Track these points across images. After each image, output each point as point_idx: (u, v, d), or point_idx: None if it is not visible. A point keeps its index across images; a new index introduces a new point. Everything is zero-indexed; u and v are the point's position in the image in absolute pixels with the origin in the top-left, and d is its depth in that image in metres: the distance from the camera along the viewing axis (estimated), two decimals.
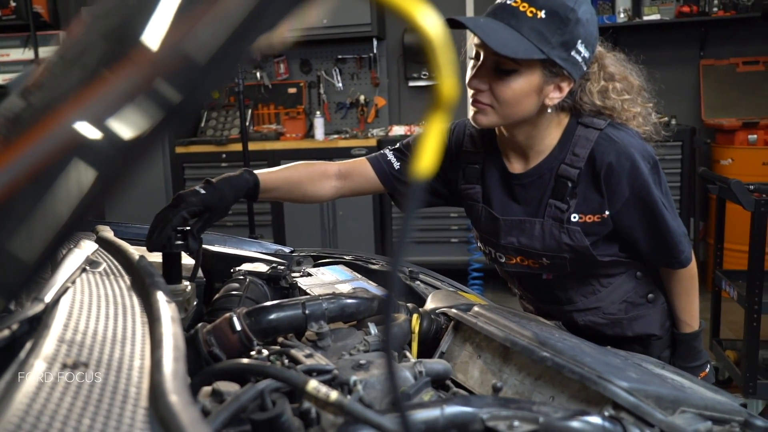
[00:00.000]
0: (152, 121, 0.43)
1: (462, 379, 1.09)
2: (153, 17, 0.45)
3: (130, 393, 0.57)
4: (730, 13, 4.41)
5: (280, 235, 4.65)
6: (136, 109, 0.43)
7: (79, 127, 0.44)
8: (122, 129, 0.43)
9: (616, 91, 1.33)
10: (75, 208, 0.46)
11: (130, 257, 1.02)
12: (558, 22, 1.20)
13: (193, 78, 0.44)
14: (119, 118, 0.44)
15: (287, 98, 5.20)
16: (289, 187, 1.46)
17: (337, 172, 1.51)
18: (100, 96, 0.43)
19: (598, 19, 4.60)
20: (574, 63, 1.24)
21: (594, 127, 1.30)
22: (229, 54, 0.43)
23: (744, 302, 2.71)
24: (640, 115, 1.36)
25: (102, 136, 0.43)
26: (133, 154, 0.45)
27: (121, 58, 0.44)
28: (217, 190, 1.27)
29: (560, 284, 1.42)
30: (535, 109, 1.29)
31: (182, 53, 0.43)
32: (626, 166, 1.28)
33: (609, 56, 1.36)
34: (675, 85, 4.75)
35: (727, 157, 4.33)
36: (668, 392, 0.92)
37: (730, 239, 3.31)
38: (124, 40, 0.45)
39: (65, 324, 0.68)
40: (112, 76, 0.43)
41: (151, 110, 0.42)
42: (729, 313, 3.31)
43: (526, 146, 1.36)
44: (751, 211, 2.65)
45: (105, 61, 0.45)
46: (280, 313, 1.04)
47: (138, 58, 0.45)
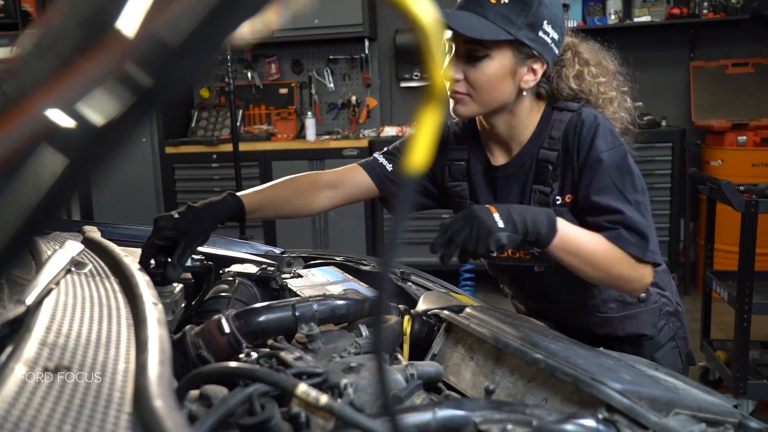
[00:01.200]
0: (123, 106, 0.42)
1: (454, 381, 1.08)
2: (128, 3, 0.44)
3: (114, 397, 0.55)
4: (720, 15, 4.43)
5: (271, 237, 4.63)
6: (107, 94, 0.41)
7: (51, 114, 0.43)
8: (93, 114, 0.42)
9: (591, 74, 1.35)
10: (46, 195, 0.44)
11: (117, 258, 1.00)
12: (521, 5, 1.24)
13: (166, 62, 0.42)
14: (90, 104, 0.42)
15: (278, 98, 5.18)
16: (277, 206, 1.45)
17: (327, 182, 1.49)
18: (73, 83, 0.41)
19: (589, 20, 4.61)
20: (543, 44, 1.27)
21: (568, 110, 1.32)
22: (204, 38, 0.42)
23: (734, 303, 2.71)
24: (615, 99, 1.38)
25: (73, 122, 0.42)
26: (106, 140, 0.44)
27: (95, 44, 0.43)
28: (194, 214, 1.25)
29: (552, 280, 1.41)
30: (511, 93, 1.31)
31: (154, 36, 0.42)
32: (590, 134, 1.28)
33: (583, 44, 1.39)
34: (665, 87, 4.77)
35: (717, 158, 4.35)
36: (662, 394, 0.92)
37: (720, 240, 3.32)
38: (99, 27, 0.44)
39: (48, 327, 0.67)
40: (86, 62, 0.42)
41: (123, 95, 0.41)
42: (719, 314, 3.32)
43: (508, 137, 1.38)
44: (741, 212, 2.66)
45: (79, 49, 0.44)
46: (269, 315, 1.02)
47: (112, 44, 0.43)
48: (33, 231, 0.48)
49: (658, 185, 4.39)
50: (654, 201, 4.38)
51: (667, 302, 1.46)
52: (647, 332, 1.42)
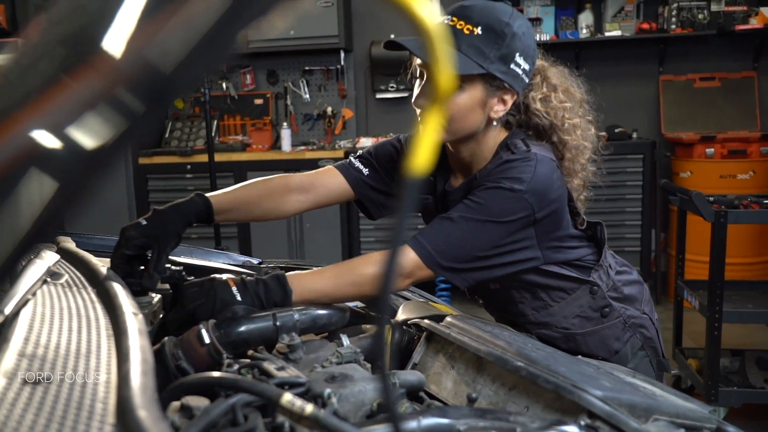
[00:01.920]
0: (115, 132, 0.41)
1: (435, 391, 1.08)
2: (114, 23, 0.43)
3: (96, 409, 0.54)
4: (688, 31, 4.54)
5: (246, 247, 4.59)
6: (98, 119, 0.41)
7: (38, 136, 0.42)
8: (84, 138, 0.41)
9: (558, 98, 1.35)
10: (34, 220, 0.43)
11: (93, 268, 0.98)
12: (495, 37, 1.24)
13: (158, 88, 0.42)
14: (81, 127, 0.42)
15: (254, 109, 5.15)
16: (247, 207, 1.42)
17: (299, 185, 1.47)
18: (60, 103, 0.41)
19: (561, 34, 4.70)
20: (515, 75, 1.27)
21: (512, 150, 1.30)
22: (196, 63, 0.42)
23: (705, 311, 2.76)
24: (579, 127, 1.37)
25: (62, 145, 0.41)
26: (95, 164, 0.43)
27: (80, 64, 0.42)
28: (162, 218, 1.22)
29: (509, 296, 1.42)
30: (481, 123, 1.31)
31: (146, 62, 0.41)
32: (509, 165, 1.26)
33: (552, 69, 1.39)
34: (636, 100, 4.87)
35: (686, 170, 4.44)
36: (641, 400, 0.93)
37: (691, 250, 3.38)
38: (84, 47, 0.43)
39: (26, 337, 0.65)
40: (72, 83, 0.41)
41: (114, 120, 0.41)
42: (691, 323, 3.38)
43: (470, 163, 1.38)
44: (711, 222, 2.71)
45: (64, 68, 0.43)
46: (250, 325, 1.01)
47: (99, 65, 0.43)
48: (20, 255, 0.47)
49: (629, 196, 4.46)
50: (625, 212, 4.46)
51: (633, 314, 1.45)
52: (612, 347, 1.43)
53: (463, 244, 1.23)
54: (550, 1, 4.77)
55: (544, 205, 1.25)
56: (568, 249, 1.36)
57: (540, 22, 4.74)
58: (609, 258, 1.44)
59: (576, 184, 1.38)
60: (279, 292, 1.12)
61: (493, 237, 1.24)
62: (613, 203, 4.40)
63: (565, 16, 4.79)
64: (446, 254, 1.22)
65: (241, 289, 1.09)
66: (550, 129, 1.35)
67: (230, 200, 1.37)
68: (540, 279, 1.37)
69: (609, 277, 1.41)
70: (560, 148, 1.35)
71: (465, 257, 1.24)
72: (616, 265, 1.46)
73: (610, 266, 1.43)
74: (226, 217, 1.38)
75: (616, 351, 1.43)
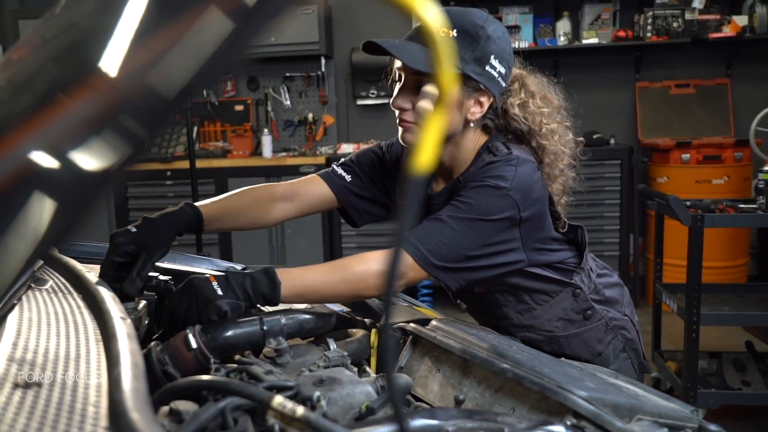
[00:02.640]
0: (118, 156, 0.41)
1: (421, 393, 1.09)
2: (110, 43, 0.43)
3: (88, 412, 0.54)
4: (663, 38, 4.62)
5: (228, 254, 4.56)
6: (101, 142, 0.41)
7: (36, 157, 0.42)
8: (86, 162, 0.41)
9: (536, 104, 1.38)
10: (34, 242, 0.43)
11: (79, 274, 0.98)
12: (469, 39, 1.27)
13: (160, 113, 0.42)
14: (83, 150, 0.42)
15: (234, 115, 5.13)
16: (234, 217, 1.44)
17: (282, 194, 1.49)
18: (60, 124, 0.41)
19: (540, 42, 4.75)
20: (490, 78, 1.30)
21: (494, 152, 1.32)
22: (198, 87, 0.42)
23: (683, 314, 2.80)
24: (557, 132, 1.40)
25: (64, 167, 0.41)
26: (97, 187, 0.43)
27: (76, 84, 0.42)
28: (152, 226, 1.22)
29: (493, 299, 1.43)
30: (458, 124, 1.33)
31: (149, 88, 0.42)
32: (492, 166, 1.28)
33: (530, 77, 1.42)
34: (613, 106, 4.94)
35: (663, 175, 4.51)
36: (625, 401, 0.94)
37: (668, 254, 3.43)
38: (78, 66, 0.43)
39: (14, 342, 0.65)
40: (70, 102, 0.41)
41: (116, 144, 0.41)
42: (669, 326, 3.42)
43: (449, 167, 1.40)
44: (688, 226, 2.76)
45: (59, 87, 0.43)
46: (237, 330, 1.01)
47: (98, 85, 0.43)
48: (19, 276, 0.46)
49: (607, 201, 4.52)
50: (604, 217, 4.51)
51: (615, 317, 1.47)
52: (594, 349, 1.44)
53: (455, 244, 1.24)
54: (528, 8, 4.83)
55: (528, 204, 1.27)
56: (550, 251, 1.38)
57: (519, 29, 4.79)
58: (590, 261, 1.47)
59: (556, 189, 1.40)
60: (267, 285, 1.10)
61: (483, 235, 1.25)
62: (591, 208, 4.45)
63: (544, 23, 4.85)
64: (438, 254, 1.23)
65: (223, 285, 1.07)
66: (528, 134, 1.37)
67: (218, 210, 1.39)
68: (523, 282, 1.38)
69: (591, 279, 1.43)
70: (539, 152, 1.38)
71: (456, 257, 1.25)
72: (597, 268, 1.48)
73: (591, 269, 1.45)
74: (214, 226, 1.39)
75: (599, 353, 1.45)
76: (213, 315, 1.04)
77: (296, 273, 1.17)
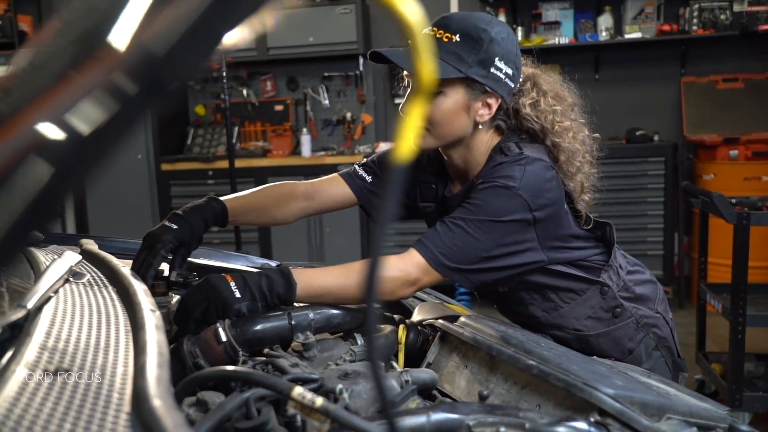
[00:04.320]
0: (109, 114, 0.43)
1: (449, 390, 1.09)
2: (121, 18, 0.45)
3: (113, 398, 0.56)
4: (710, 32, 4.49)
5: (267, 251, 4.63)
6: (94, 103, 0.43)
7: (41, 127, 0.44)
8: (79, 123, 0.43)
9: (547, 102, 1.37)
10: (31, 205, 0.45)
11: (114, 268, 1.01)
12: (472, 43, 1.27)
13: (152, 70, 0.43)
14: (77, 113, 0.43)
15: (274, 115, 5.21)
16: (256, 213, 1.50)
17: (303, 192, 1.54)
18: (64, 96, 0.43)
19: (581, 37, 4.67)
20: (496, 79, 1.30)
21: (505, 153, 1.33)
22: (189, 46, 0.43)
23: (728, 315, 2.72)
24: (570, 129, 1.38)
25: (61, 132, 0.43)
26: (91, 148, 0.45)
27: (87, 59, 0.44)
28: (187, 222, 1.29)
29: (518, 298, 1.43)
30: (467, 127, 1.34)
31: (141, 46, 0.43)
32: (502, 166, 1.29)
33: (543, 75, 1.42)
34: (657, 102, 4.82)
35: (710, 173, 4.39)
36: (654, 399, 0.93)
37: (714, 253, 3.34)
38: (92, 43, 0.45)
39: (47, 332, 0.68)
40: (78, 76, 0.43)
41: (108, 103, 0.42)
42: (715, 327, 3.33)
43: (464, 169, 1.41)
44: (733, 225, 2.68)
45: (72, 64, 0.45)
46: (266, 324, 1.03)
47: (103, 57, 0.45)
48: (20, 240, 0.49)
49: (651, 199, 4.42)
50: (647, 215, 4.41)
51: (646, 314, 1.45)
52: (625, 348, 1.42)
53: (467, 245, 1.24)
54: (568, 4, 4.75)
55: (540, 203, 1.27)
56: (572, 249, 1.37)
57: (559, 25, 4.72)
58: (619, 258, 1.44)
59: (574, 186, 1.39)
60: (283, 285, 1.11)
61: (496, 236, 1.25)
62: (634, 206, 4.36)
63: (584, 18, 4.77)
64: (451, 256, 1.24)
65: (240, 285, 1.08)
66: (541, 132, 1.37)
67: (243, 206, 1.45)
68: (547, 280, 1.37)
69: (620, 277, 1.41)
70: (554, 151, 1.37)
71: (470, 258, 1.25)
72: (627, 265, 1.46)
73: (621, 266, 1.43)
74: (237, 220, 1.46)
75: (630, 351, 1.43)
76: (231, 318, 1.05)
77: (311, 274, 1.18)
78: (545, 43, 4.53)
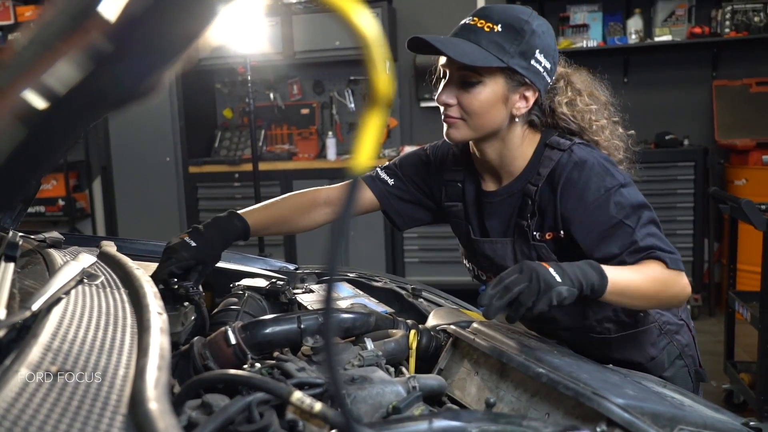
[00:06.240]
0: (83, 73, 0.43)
1: (459, 396, 1.08)
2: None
3: (111, 400, 0.57)
4: (743, 34, 4.40)
5: (292, 254, 4.66)
6: (70, 63, 0.43)
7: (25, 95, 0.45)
8: (55, 83, 0.44)
9: (583, 102, 1.37)
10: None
11: (128, 270, 1.03)
12: (514, 34, 1.26)
13: (128, 30, 0.44)
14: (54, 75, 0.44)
15: (300, 119, 5.24)
16: (279, 225, 1.54)
17: (325, 199, 1.54)
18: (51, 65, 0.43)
19: (609, 40, 4.61)
20: (536, 72, 1.29)
21: (559, 148, 1.32)
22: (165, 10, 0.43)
23: (757, 324, 2.66)
24: (606, 128, 1.39)
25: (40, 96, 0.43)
26: (68, 108, 0.45)
27: (76, 30, 0.45)
28: (207, 241, 1.33)
29: None
30: (503, 119, 1.32)
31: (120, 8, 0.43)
32: (582, 178, 1.28)
33: (575, 74, 1.41)
34: (687, 106, 4.73)
35: (741, 178, 4.29)
36: (666, 410, 0.91)
37: (743, 260, 3.27)
38: (84, 15, 0.46)
39: (54, 333, 0.69)
40: (66, 47, 0.44)
41: (83, 63, 0.42)
42: (743, 335, 3.25)
43: (498, 165, 1.39)
44: (762, 231, 2.62)
45: (62, 36, 0.45)
46: (275, 327, 1.04)
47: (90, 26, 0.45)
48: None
49: (680, 205, 4.34)
50: (677, 221, 4.33)
51: (669, 320, 1.43)
52: (647, 353, 1.40)
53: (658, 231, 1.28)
54: (597, 6, 4.69)
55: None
56: None
57: (587, 28, 4.66)
58: None
59: None
60: (597, 277, 1.13)
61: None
62: (663, 212, 4.28)
63: (614, 21, 4.70)
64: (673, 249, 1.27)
65: (559, 272, 1.09)
66: (578, 132, 1.37)
67: (265, 220, 1.48)
68: None
69: None
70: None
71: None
72: None
73: None
74: (260, 234, 1.52)
75: (652, 357, 1.40)
76: (554, 299, 1.07)
77: (617, 273, 1.18)
78: (573, 46, 4.48)
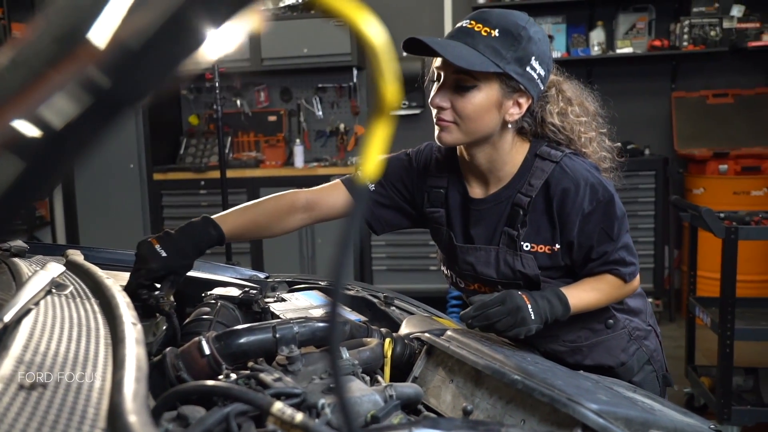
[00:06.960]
0: (82, 108, 0.43)
1: (434, 404, 1.09)
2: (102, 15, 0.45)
3: (88, 414, 0.56)
4: (700, 48, 4.53)
5: (258, 262, 4.62)
6: (67, 97, 0.42)
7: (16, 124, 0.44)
8: (53, 118, 0.43)
9: (574, 113, 1.39)
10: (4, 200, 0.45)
11: (98, 280, 1.00)
12: (511, 39, 1.27)
13: (126, 64, 0.43)
14: (50, 107, 0.43)
15: (267, 126, 5.21)
16: (254, 232, 1.49)
17: (304, 204, 1.52)
18: (41, 93, 0.42)
19: (573, 52, 4.71)
20: (530, 79, 1.30)
21: (550, 160, 1.34)
22: (164, 42, 0.43)
23: (717, 329, 2.73)
24: (594, 140, 1.42)
25: (35, 128, 0.43)
26: (65, 144, 0.44)
27: (66, 57, 0.44)
28: (180, 250, 1.28)
29: None
30: (496, 125, 1.33)
31: (116, 41, 0.43)
32: (579, 192, 1.31)
33: (566, 83, 1.43)
34: (648, 116, 4.86)
35: (700, 187, 4.41)
36: (638, 414, 0.93)
37: (703, 267, 3.35)
38: (72, 41, 0.45)
39: (25, 345, 0.67)
40: (56, 74, 0.43)
41: (82, 97, 0.42)
42: (703, 340, 3.34)
43: (487, 170, 1.39)
44: (722, 239, 2.70)
45: (51, 62, 0.45)
46: (250, 337, 1.03)
47: (82, 54, 0.44)
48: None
49: (641, 213, 4.43)
50: (638, 229, 4.42)
51: (638, 326, 1.46)
52: (618, 358, 1.43)
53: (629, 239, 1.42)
54: (561, 18, 4.79)
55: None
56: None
57: (552, 39, 4.75)
58: None
59: None
60: (561, 309, 1.29)
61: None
62: None
63: (577, 33, 4.80)
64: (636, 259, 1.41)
65: (534, 309, 1.25)
66: (567, 143, 1.39)
67: (240, 226, 1.43)
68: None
69: None
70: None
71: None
72: None
73: None
74: (234, 240, 1.49)
75: (623, 363, 1.43)
76: (522, 335, 1.25)
77: (579, 298, 1.33)
78: None
